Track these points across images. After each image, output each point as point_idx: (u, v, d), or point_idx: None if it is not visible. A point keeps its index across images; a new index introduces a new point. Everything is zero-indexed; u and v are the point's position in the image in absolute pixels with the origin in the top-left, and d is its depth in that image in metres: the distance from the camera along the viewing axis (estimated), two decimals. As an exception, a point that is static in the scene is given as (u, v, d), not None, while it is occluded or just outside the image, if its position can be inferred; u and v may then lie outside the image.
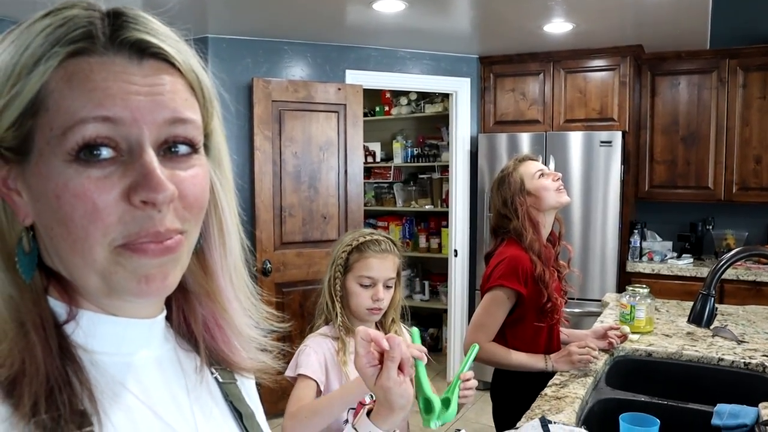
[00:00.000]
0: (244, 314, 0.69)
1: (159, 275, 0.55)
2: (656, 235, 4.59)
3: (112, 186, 0.52)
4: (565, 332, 2.40)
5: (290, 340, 4.08)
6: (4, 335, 0.52)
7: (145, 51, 0.55)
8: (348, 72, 4.27)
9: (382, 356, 0.87)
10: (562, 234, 2.29)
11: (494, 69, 4.62)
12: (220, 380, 0.71)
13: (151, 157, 0.53)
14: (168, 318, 0.67)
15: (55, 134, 0.51)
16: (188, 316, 0.68)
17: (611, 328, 2.18)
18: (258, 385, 0.79)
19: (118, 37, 0.53)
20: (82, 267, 0.54)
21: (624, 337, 2.20)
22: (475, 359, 2.16)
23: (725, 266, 1.59)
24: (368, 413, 0.91)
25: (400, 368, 0.87)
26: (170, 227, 0.55)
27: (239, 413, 0.71)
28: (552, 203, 2.14)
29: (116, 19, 0.55)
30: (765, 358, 2.07)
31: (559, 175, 2.17)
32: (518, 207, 2.11)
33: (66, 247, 0.53)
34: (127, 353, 0.61)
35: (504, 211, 2.15)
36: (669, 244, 4.51)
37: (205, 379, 0.69)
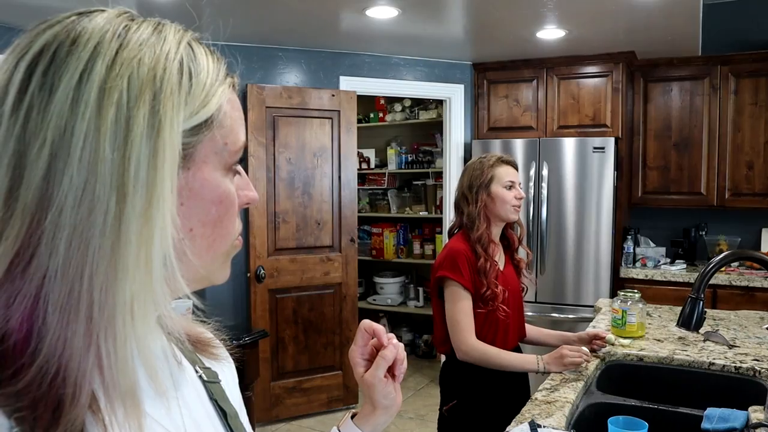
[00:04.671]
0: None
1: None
2: (649, 241, 4.60)
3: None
4: (552, 334, 2.43)
5: (283, 345, 4.07)
6: None
7: (237, 90, 0.66)
8: (342, 78, 4.29)
9: (377, 352, 0.87)
10: (521, 238, 2.42)
11: (488, 75, 4.64)
12: (205, 379, 0.72)
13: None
14: None
15: (230, 149, 0.60)
16: None
17: (597, 337, 2.21)
18: (251, 393, 0.81)
19: (233, 78, 0.63)
20: (209, 261, 0.61)
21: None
22: (467, 359, 2.21)
23: (713, 270, 1.60)
24: (353, 417, 0.91)
25: (392, 371, 0.87)
26: None
27: (224, 412, 0.72)
28: (502, 214, 2.25)
29: None
30: (756, 362, 2.07)
31: (523, 195, 2.29)
32: (478, 200, 2.25)
33: (203, 244, 0.60)
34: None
35: (467, 193, 2.27)
36: (662, 249, 4.52)
37: (190, 378, 0.70)
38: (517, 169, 2.32)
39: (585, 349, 2.02)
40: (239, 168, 0.64)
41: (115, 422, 0.52)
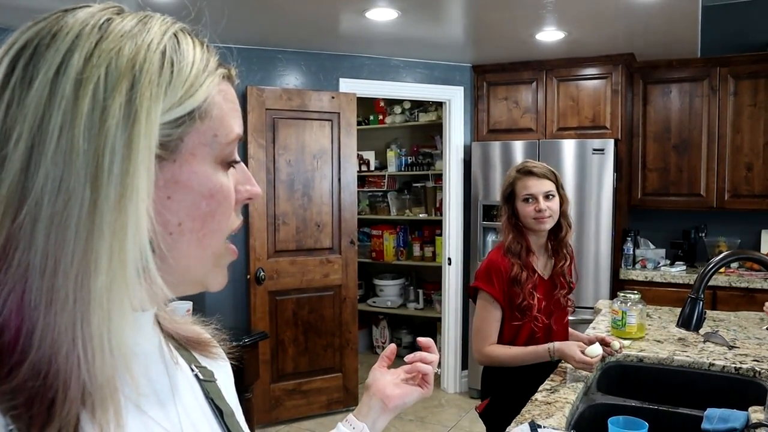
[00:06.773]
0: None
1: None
2: (649, 243, 4.60)
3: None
4: (571, 333, 2.43)
5: (283, 347, 4.07)
6: None
7: (234, 82, 0.65)
8: (342, 80, 4.29)
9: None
10: (564, 240, 2.29)
11: (487, 77, 4.64)
12: (201, 378, 0.72)
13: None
14: None
15: (219, 141, 0.58)
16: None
17: (603, 342, 2.16)
18: (250, 394, 0.81)
19: (228, 69, 0.62)
20: (196, 259, 0.58)
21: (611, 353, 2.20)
22: (482, 363, 2.24)
23: (713, 270, 1.60)
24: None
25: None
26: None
27: (220, 411, 0.72)
28: (527, 226, 2.24)
29: None
30: (755, 363, 2.07)
31: (543, 208, 2.17)
32: (503, 212, 2.27)
33: (192, 240, 0.57)
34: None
35: (499, 203, 2.32)
36: (662, 251, 4.52)
37: (187, 377, 0.70)
38: (544, 176, 2.20)
39: (597, 352, 1.98)
40: (238, 161, 0.62)
41: (107, 416, 0.52)
